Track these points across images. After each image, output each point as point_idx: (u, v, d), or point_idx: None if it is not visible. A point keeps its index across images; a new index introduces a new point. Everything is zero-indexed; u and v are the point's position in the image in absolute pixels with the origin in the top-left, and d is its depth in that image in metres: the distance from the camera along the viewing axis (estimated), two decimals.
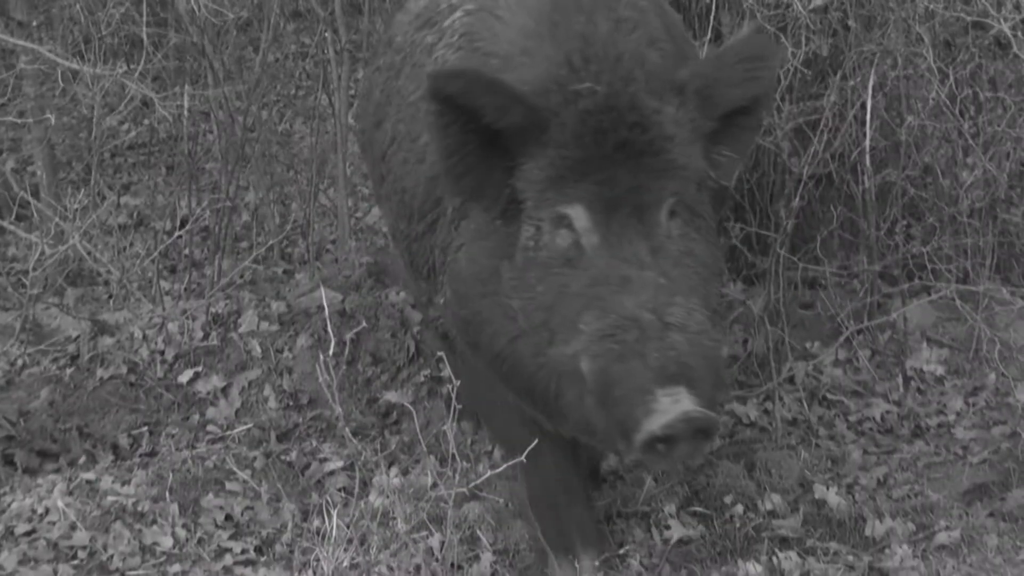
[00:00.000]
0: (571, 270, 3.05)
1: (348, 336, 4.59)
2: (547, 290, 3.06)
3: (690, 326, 2.93)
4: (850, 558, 3.74)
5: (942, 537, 3.81)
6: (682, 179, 3.13)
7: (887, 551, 3.75)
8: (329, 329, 3.42)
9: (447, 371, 3.36)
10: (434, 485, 3.70)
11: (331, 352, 3.25)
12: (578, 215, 3.06)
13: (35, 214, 5.45)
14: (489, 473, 3.39)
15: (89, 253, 4.86)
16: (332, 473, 4.30)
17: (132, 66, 5.22)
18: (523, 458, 3.32)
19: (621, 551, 3.81)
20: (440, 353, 3.55)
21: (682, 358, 2.86)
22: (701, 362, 2.90)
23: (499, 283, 3.15)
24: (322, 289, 4.32)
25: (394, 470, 4.23)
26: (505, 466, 3.34)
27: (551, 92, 3.10)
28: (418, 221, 3.48)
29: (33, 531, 4.04)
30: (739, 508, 3.98)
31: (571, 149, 3.06)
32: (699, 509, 4.02)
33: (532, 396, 3.17)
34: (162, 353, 4.89)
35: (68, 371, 4.88)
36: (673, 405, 2.80)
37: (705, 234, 3.25)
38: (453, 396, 3.24)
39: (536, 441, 3.31)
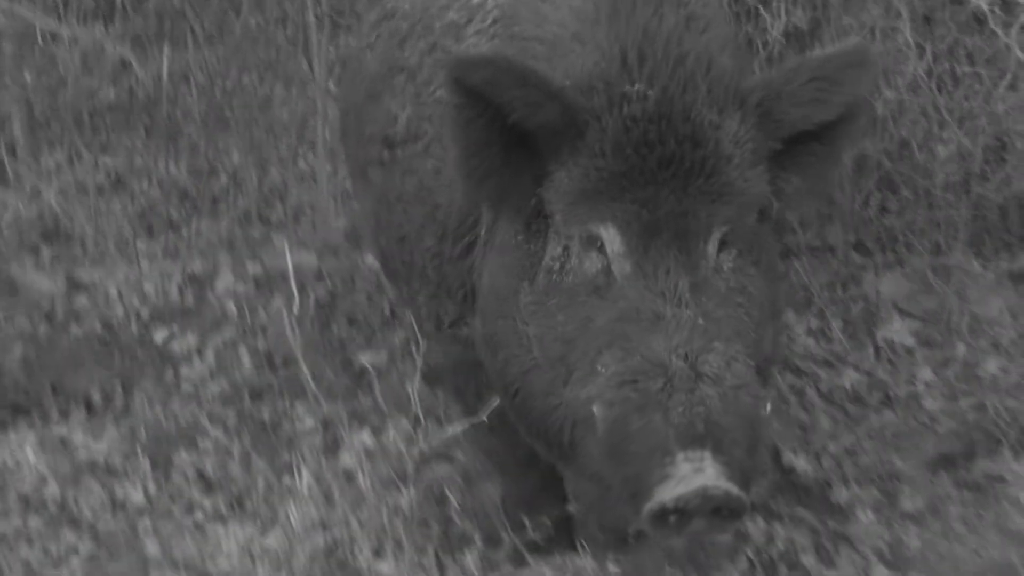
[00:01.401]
0: (597, 300, 2.65)
1: (319, 295, 4.57)
2: (568, 321, 2.68)
3: (726, 378, 2.51)
4: (815, 523, 3.78)
5: (907, 505, 3.85)
6: (738, 206, 2.68)
7: (852, 517, 3.79)
8: (293, 286, 3.37)
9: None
10: (408, 443, 3.73)
11: (295, 309, 3.23)
12: (611, 237, 2.65)
13: (11, 173, 5.44)
14: (450, 432, 3.36)
15: (65, 211, 4.86)
16: (304, 432, 4.31)
17: (111, 27, 5.21)
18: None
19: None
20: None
21: (712, 416, 2.44)
22: (734, 423, 2.47)
23: (516, 306, 2.79)
24: (287, 249, 4.26)
25: (366, 430, 4.24)
26: (467, 423, 3.30)
27: (595, 91, 2.66)
28: (453, 243, 3.09)
29: (4, 484, 4.05)
30: None
31: (609, 160, 2.63)
32: None
33: (545, 439, 2.81)
34: (137, 312, 4.89)
35: (42, 328, 4.87)
36: (693, 474, 2.39)
37: (764, 270, 2.82)
38: (418, 357, 3.20)
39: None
